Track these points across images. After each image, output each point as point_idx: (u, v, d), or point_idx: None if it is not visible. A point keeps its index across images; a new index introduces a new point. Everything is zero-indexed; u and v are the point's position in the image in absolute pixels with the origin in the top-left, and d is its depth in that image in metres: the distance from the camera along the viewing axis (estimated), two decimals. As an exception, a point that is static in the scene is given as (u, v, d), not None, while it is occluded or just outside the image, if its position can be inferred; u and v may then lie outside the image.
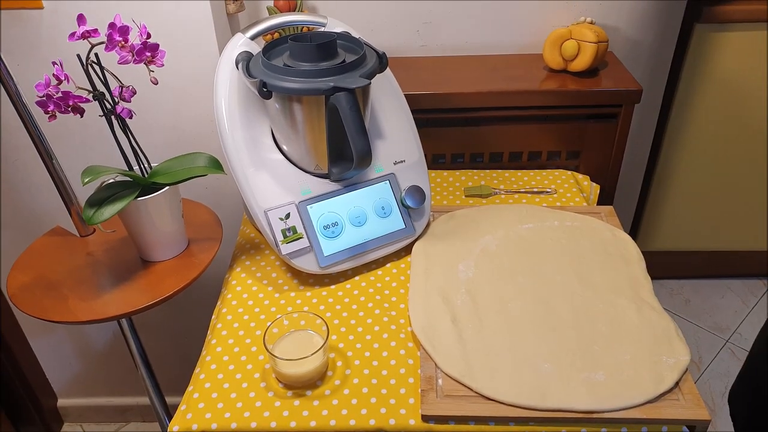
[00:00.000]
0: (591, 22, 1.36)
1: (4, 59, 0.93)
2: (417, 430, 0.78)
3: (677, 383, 0.80)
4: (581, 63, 1.31)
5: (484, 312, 0.91)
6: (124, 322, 1.12)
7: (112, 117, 0.92)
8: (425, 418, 0.78)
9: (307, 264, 0.98)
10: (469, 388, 0.80)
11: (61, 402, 1.76)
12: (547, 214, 1.12)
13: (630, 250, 1.03)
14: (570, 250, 1.03)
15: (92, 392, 1.74)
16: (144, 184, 0.96)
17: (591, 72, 1.34)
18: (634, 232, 1.96)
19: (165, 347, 1.58)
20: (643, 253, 1.03)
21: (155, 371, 1.21)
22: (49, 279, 1.01)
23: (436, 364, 0.84)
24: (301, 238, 0.97)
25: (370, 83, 0.90)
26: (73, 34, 0.82)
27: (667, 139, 1.74)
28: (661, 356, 0.83)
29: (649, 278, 0.98)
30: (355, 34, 1.02)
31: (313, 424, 0.78)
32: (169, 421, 0.81)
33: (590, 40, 1.29)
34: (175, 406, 0.83)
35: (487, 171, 1.29)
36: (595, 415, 0.77)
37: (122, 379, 1.68)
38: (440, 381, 0.82)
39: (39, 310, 0.94)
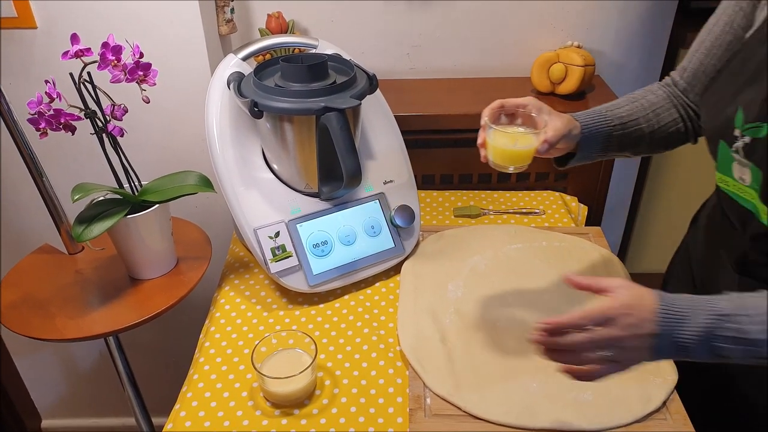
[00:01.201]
0: (578, 46, 1.38)
1: (-4, 77, 0.94)
2: (405, 450, 0.78)
3: (665, 403, 0.81)
4: (568, 86, 1.33)
5: (472, 331, 0.91)
6: (111, 340, 1.11)
7: (104, 135, 0.93)
8: (413, 438, 0.78)
9: (296, 282, 0.98)
10: (457, 407, 0.80)
11: (46, 423, 1.73)
12: (536, 235, 1.12)
13: (617, 271, 1.04)
14: (558, 270, 1.03)
15: (78, 413, 1.71)
16: (134, 202, 0.97)
17: (578, 95, 1.37)
18: (622, 254, 1.98)
19: (152, 368, 1.57)
20: (631, 274, 1.04)
21: (142, 392, 1.20)
22: (36, 297, 1.00)
23: (424, 384, 0.84)
24: (290, 256, 0.98)
25: (360, 104, 0.91)
26: (66, 53, 0.83)
27: (654, 161, 1.76)
28: (648, 376, 0.83)
29: (636, 298, 0.98)
30: (346, 55, 1.03)
31: (300, 443, 0.78)
32: (155, 441, 0.80)
33: (577, 64, 1.31)
34: (162, 428, 0.82)
35: (476, 191, 1.30)
36: (582, 434, 0.77)
37: (108, 400, 1.66)
38: (428, 400, 0.82)
39: (26, 328, 0.94)
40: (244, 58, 1.00)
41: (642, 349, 0.64)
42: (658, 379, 0.83)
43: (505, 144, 0.82)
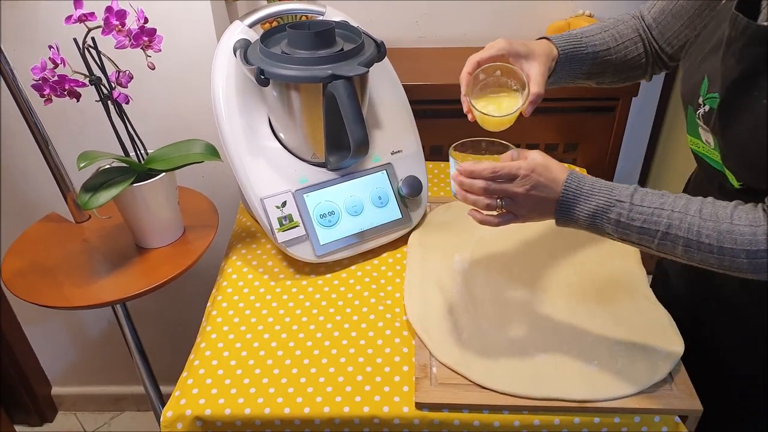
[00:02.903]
0: (589, 15, 1.36)
1: (1, 45, 0.92)
2: (411, 418, 0.78)
3: (670, 374, 0.81)
4: (580, 56, 1.31)
5: (479, 301, 0.91)
6: (119, 309, 1.12)
7: (109, 102, 0.92)
8: (419, 406, 0.78)
9: (303, 252, 0.98)
10: (463, 376, 0.80)
11: (56, 390, 1.76)
12: (544, 206, 1.11)
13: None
14: (566, 241, 1.03)
15: (87, 381, 1.74)
16: (140, 170, 0.96)
17: (589, 65, 1.34)
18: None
19: (160, 337, 1.58)
20: (639, 245, 1.03)
21: (150, 360, 1.21)
22: (43, 265, 1.01)
23: (430, 353, 0.84)
24: (297, 226, 0.97)
25: (368, 71, 0.90)
26: (69, 17, 0.82)
27: (664, 131, 1.74)
28: (655, 347, 0.83)
29: (644, 269, 0.98)
30: (353, 23, 1.01)
31: (306, 410, 0.78)
32: (164, 408, 0.81)
33: (589, 33, 1.28)
34: (170, 396, 0.83)
35: (485, 163, 1.29)
36: (588, 404, 0.77)
37: (117, 367, 1.68)
38: (435, 369, 0.82)
39: (33, 295, 0.94)
40: (251, 25, 0.99)
41: (541, 210, 0.73)
42: (664, 350, 0.83)
43: (491, 113, 0.84)
